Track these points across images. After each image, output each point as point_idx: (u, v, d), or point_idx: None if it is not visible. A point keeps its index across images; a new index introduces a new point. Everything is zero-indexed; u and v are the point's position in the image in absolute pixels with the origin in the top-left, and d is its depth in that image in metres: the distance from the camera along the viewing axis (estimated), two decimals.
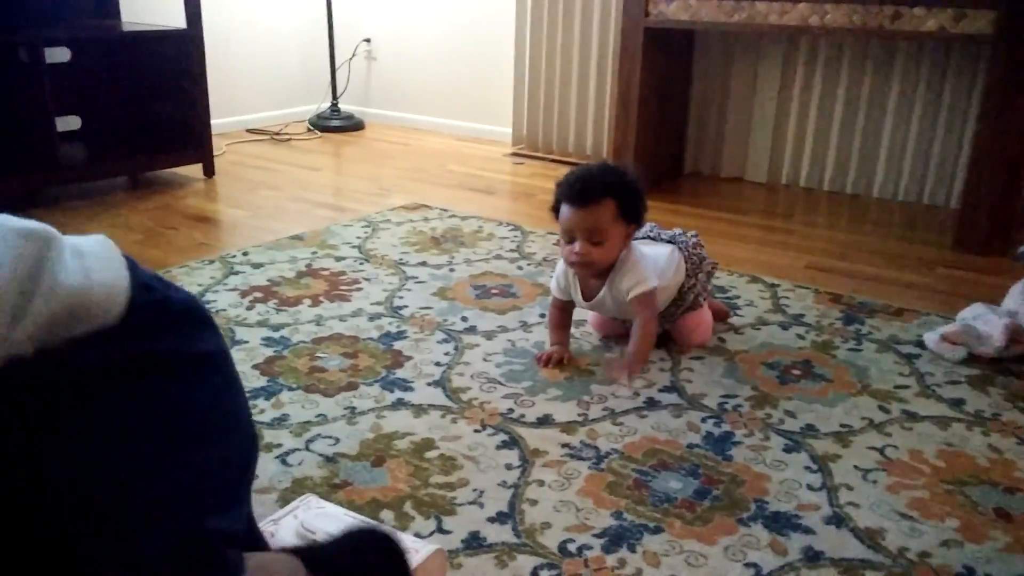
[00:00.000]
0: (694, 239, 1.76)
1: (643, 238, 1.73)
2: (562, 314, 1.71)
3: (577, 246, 1.56)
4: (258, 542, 0.88)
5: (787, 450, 1.37)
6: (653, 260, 1.65)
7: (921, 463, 1.34)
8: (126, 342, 0.76)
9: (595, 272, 1.62)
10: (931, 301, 2.02)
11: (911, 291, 2.09)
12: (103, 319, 0.75)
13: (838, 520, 1.20)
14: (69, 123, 3.04)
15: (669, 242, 1.73)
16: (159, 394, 0.77)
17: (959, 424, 1.46)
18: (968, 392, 1.57)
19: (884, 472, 1.32)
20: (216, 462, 0.80)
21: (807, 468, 1.32)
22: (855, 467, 1.33)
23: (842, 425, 1.45)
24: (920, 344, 1.76)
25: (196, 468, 0.77)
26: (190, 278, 2.06)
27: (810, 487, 1.27)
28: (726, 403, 1.52)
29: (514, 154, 3.52)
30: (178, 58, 2.91)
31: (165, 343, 0.79)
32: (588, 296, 1.66)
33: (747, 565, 1.11)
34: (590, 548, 1.13)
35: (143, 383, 0.76)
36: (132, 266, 0.85)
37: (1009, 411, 1.51)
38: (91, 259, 0.80)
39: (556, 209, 1.60)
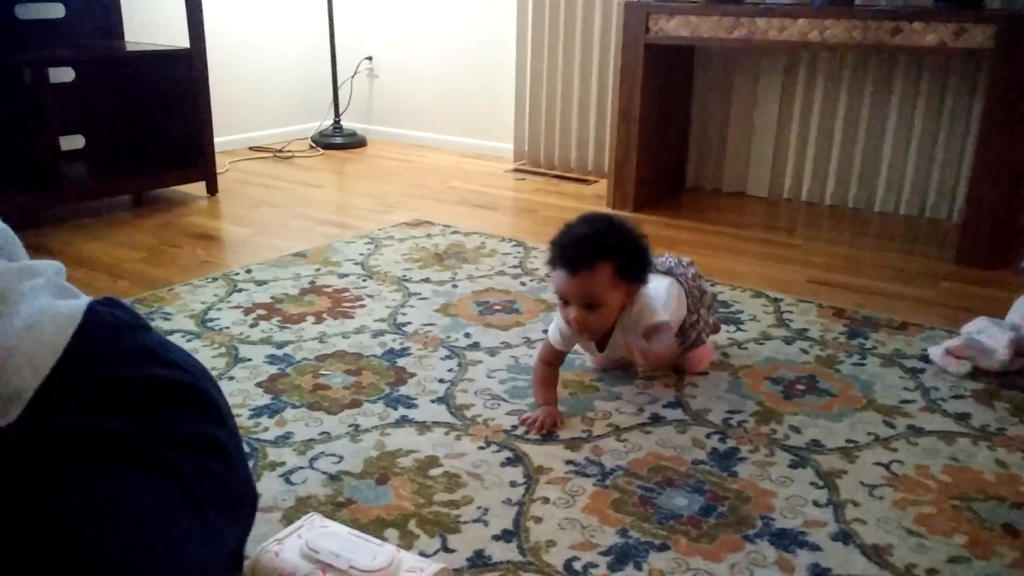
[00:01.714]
0: (692, 270, 1.69)
1: None
2: (550, 370, 1.56)
3: (572, 312, 1.44)
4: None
5: (793, 466, 1.37)
6: (656, 296, 1.55)
7: (927, 478, 1.34)
8: (58, 429, 0.75)
9: (597, 337, 1.52)
10: (935, 315, 2.02)
11: (915, 305, 2.09)
12: (17, 385, 0.74)
13: (845, 537, 1.19)
14: (73, 142, 3.06)
15: (666, 274, 1.65)
16: (109, 478, 0.75)
17: (965, 439, 1.46)
18: (974, 406, 1.57)
19: (890, 488, 1.31)
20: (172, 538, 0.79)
21: (813, 484, 1.32)
22: (861, 483, 1.32)
23: (848, 440, 1.45)
24: (925, 358, 1.76)
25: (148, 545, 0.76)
26: (193, 296, 2.06)
27: (816, 503, 1.27)
28: (731, 419, 1.51)
29: (516, 170, 3.53)
30: (181, 77, 2.93)
31: (105, 428, 0.78)
32: (601, 346, 1.56)
33: None
34: (596, 566, 1.13)
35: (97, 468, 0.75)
36: (113, 338, 0.83)
37: (1015, 425, 1.50)
38: (43, 323, 0.78)
39: (553, 265, 1.46)
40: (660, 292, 1.57)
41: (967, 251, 2.38)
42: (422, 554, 1.13)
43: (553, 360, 1.56)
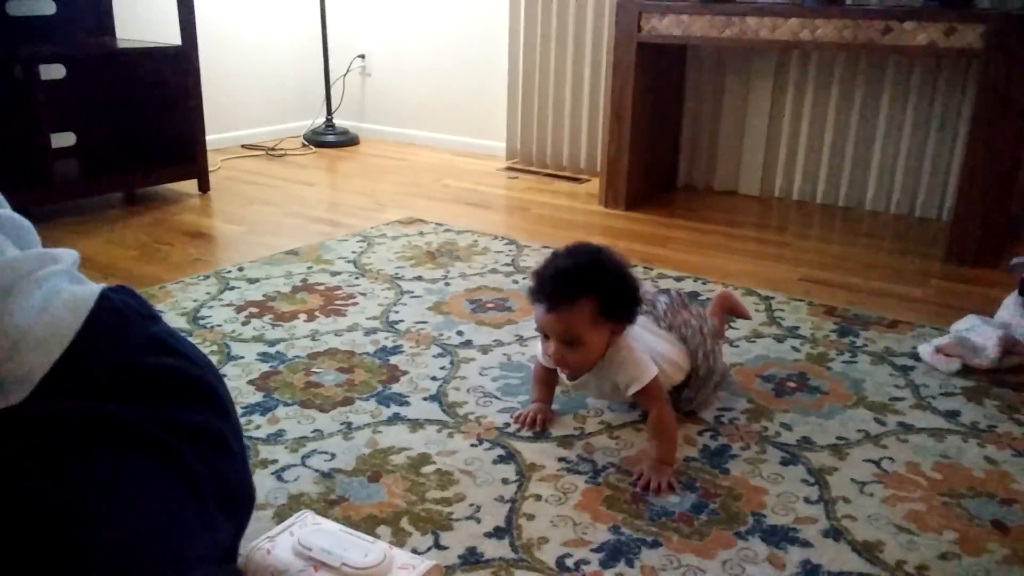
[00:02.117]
0: (698, 320, 1.51)
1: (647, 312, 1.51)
2: (548, 371, 1.49)
3: (551, 347, 1.35)
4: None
5: (784, 463, 1.37)
6: (644, 341, 1.42)
7: (918, 475, 1.35)
8: (71, 410, 0.76)
9: (576, 373, 1.41)
10: (925, 313, 2.03)
11: (905, 303, 2.10)
12: (28, 366, 0.75)
13: (836, 533, 1.20)
14: (64, 139, 3.05)
15: (668, 330, 1.51)
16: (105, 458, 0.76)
17: (955, 436, 1.47)
18: (963, 404, 1.58)
19: (881, 485, 1.32)
20: (173, 523, 0.79)
21: (804, 481, 1.32)
22: (852, 480, 1.33)
23: (838, 438, 1.45)
24: (915, 356, 1.77)
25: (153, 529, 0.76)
26: (185, 294, 2.06)
27: (807, 500, 1.27)
28: (722, 416, 1.52)
29: (508, 168, 3.53)
30: (173, 74, 2.92)
31: (118, 414, 0.78)
32: (573, 378, 1.43)
33: None
34: (588, 563, 1.13)
35: (80, 462, 0.75)
36: (125, 325, 0.83)
37: (1004, 423, 1.51)
38: (56, 306, 0.79)
39: (533, 296, 1.36)
40: (640, 338, 1.42)
41: (957, 250, 2.39)
42: (414, 551, 1.13)
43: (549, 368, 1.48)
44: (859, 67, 2.85)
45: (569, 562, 1.13)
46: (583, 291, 1.31)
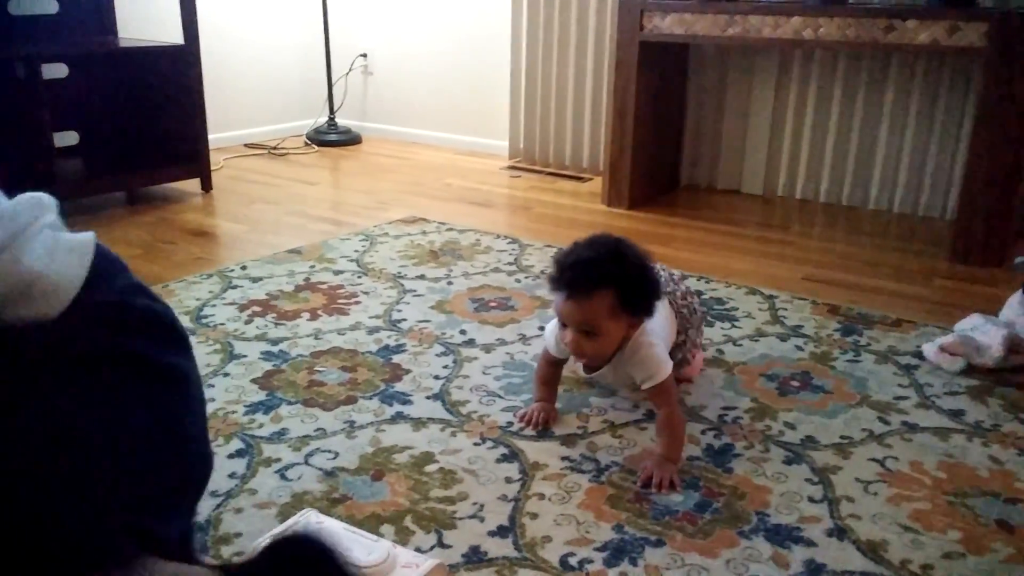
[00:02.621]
0: (683, 286, 1.60)
1: None
2: (552, 369, 1.52)
3: (568, 335, 1.36)
4: (189, 557, 0.87)
5: (787, 462, 1.37)
6: (661, 333, 1.45)
7: (922, 474, 1.34)
8: (67, 335, 0.79)
9: (593, 363, 1.44)
10: (929, 312, 2.02)
11: (909, 302, 2.09)
12: (43, 309, 0.77)
13: (840, 533, 1.20)
14: (67, 138, 3.05)
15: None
16: (94, 388, 0.79)
17: (959, 435, 1.46)
18: (968, 403, 1.58)
19: (885, 484, 1.31)
20: (153, 469, 0.81)
21: (808, 480, 1.32)
22: (856, 479, 1.33)
23: (842, 437, 1.45)
24: (919, 355, 1.76)
25: (129, 469, 0.78)
26: (188, 292, 2.06)
27: (811, 499, 1.27)
28: (726, 415, 1.52)
29: (511, 167, 3.53)
30: (175, 73, 2.92)
31: (110, 343, 0.81)
32: (589, 369, 1.46)
33: None
34: (591, 562, 1.13)
35: (86, 378, 0.78)
36: (111, 271, 0.87)
37: (1009, 422, 1.51)
38: (60, 252, 0.83)
39: (554, 284, 1.38)
40: (659, 329, 1.45)
41: (961, 248, 2.39)
42: (418, 550, 1.13)
43: (553, 360, 1.51)
44: (862, 65, 2.85)
45: (573, 561, 1.13)
46: (603, 282, 1.32)
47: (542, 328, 1.85)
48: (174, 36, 2.91)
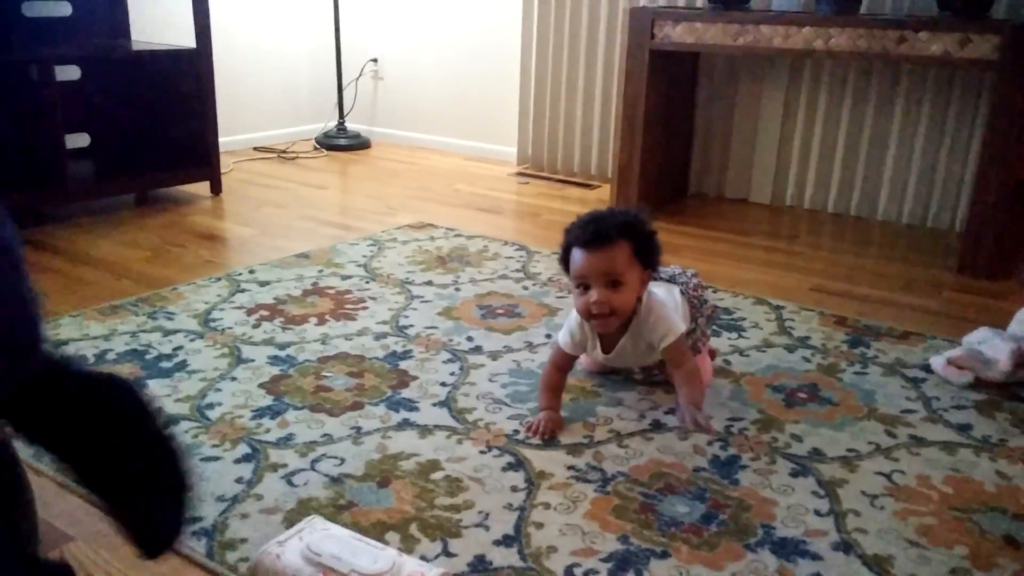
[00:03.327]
0: (695, 280, 1.68)
1: None
2: (559, 375, 1.55)
3: (594, 294, 1.42)
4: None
5: (794, 474, 1.37)
6: (669, 304, 1.55)
7: (929, 489, 1.34)
8: None
9: (615, 324, 1.49)
10: (937, 325, 2.02)
11: (917, 314, 2.09)
12: None
13: (846, 547, 1.19)
14: (78, 140, 3.07)
15: (669, 281, 1.64)
16: None
17: (966, 449, 1.46)
18: (975, 417, 1.57)
19: (891, 498, 1.31)
20: None
21: (814, 493, 1.32)
22: (862, 492, 1.32)
23: (849, 450, 1.45)
24: (926, 368, 1.76)
25: None
26: (196, 295, 2.07)
27: (817, 512, 1.27)
28: (732, 426, 1.52)
29: (519, 174, 3.53)
30: (187, 77, 2.93)
31: None
32: (608, 348, 1.54)
33: None
34: (597, 572, 1.13)
35: None
36: None
37: (1016, 437, 1.50)
38: None
39: (565, 260, 1.48)
40: (670, 300, 1.57)
41: (969, 261, 2.38)
42: (423, 558, 1.13)
43: (563, 364, 1.56)
44: (872, 76, 2.85)
45: (578, 572, 1.13)
46: (621, 233, 1.44)
47: (549, 336, 1.85)
48: (186, 40, 2.92)
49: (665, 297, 1.56)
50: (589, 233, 1.44)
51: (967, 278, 2.35)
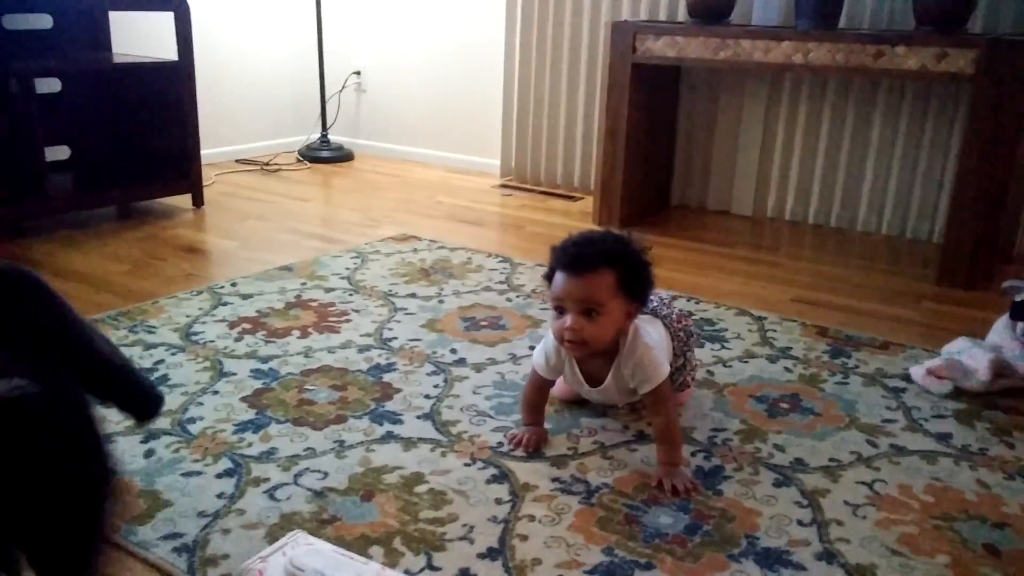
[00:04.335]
0: (678, 311, 1.62)
1: None
2: (539, 393, 1.51)
3: (568, 320, 1.34)
4: None
5: (777, 484, 1.37)
6: (655, 344, 1.45)
7: (910, 498, 1.35)
8: None
9: (589, 354, 1.42)
10: (916, 335, 2.04)
11: (896, 325, 2.11)
12: None
13: (829, 556, 1.20)
14: (58, 153, 3.04)
15: (652, 315, 1.55)
16: None
17: (947, 459, 1.47)
18: (955, 426, 1.58)
19: (873, 507, 1.32)
20: None
21: (797, 503, 1.32)
22: (845, 502, 1.33)
23: (831, 459, 1.45)
24: (906, 378, 1.77)
25: None
26: (178, 309, 2.05)
27: (800, 522, 1.27)
28: (715, 437, 1.52)
29: (503, 186, 3.54)
30: (169, 89, 2.92)
31: None
32: (593, 381, 1.47)
33: None
34: None
35: None
36: None
37: (996, 445, 1.52)
38: None
39: (550, 277, 1.39)
40: (656, 338, 1.48)
41: (948, 271, 2.41)
42: (407, 572, 1.13)
43: (542, 385, 1.51)
44: (851, 90, 2.88)
45: None
46: (606, 260, 1.35)
47: (532, 347, 1.85)
48: (168, 52, 2.92)
49: (655, 339, 1.46)
50: (570, 256, 1.35)
51: (946, 288, 2.38)
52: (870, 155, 2.90)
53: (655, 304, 1.57)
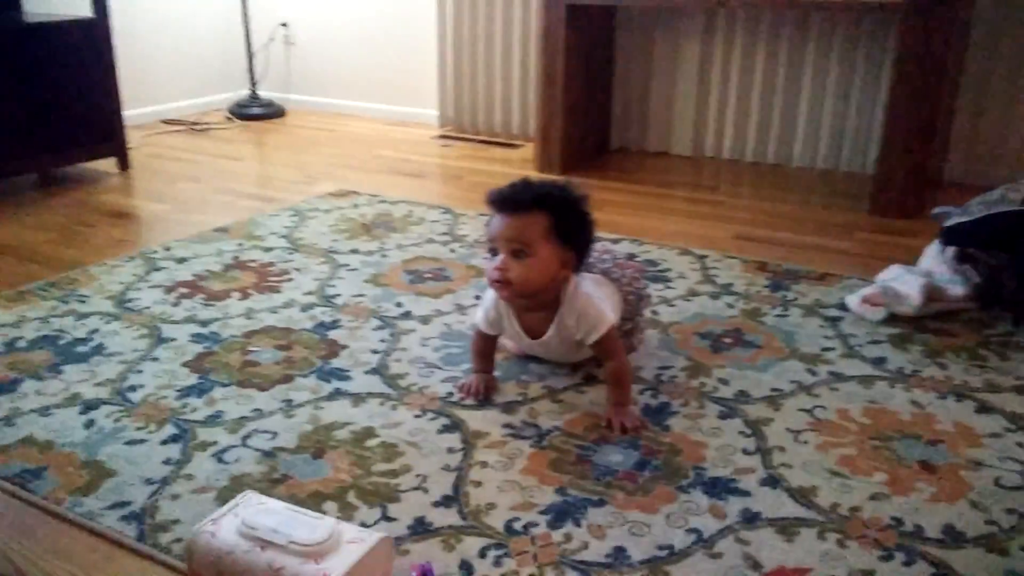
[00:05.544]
0: (630, 270, 1.59)
1: None
2: (486, 341, 1.51)
3: (497, 260, 1.35)
4: None
5: (722, 417, 1.41)
6: (599, 294, 1.45)
7: (848, 421, 1.40)
8: None
9: (526, 307, 1.43)
10: (852, 265, 2.09)
11: (833, 256, 2.16)
12: None
13: (773, 481, 1.24)
14: None
15: (603, 275, 1.53)
16: None
17: (882, 382, 1.52)
18: (889, 351, 1.64)
19: (814, 432, 1.36)
20: None
21: (741, 433, 1.36)
22: (787, 429, 1.37)
23: (773, 389, 1.49)
24: (843, 307, 1.82)
25: None
26: (110, 276, 1.99)
27: (745, 451, 1.31)
28: (662, 374, 1.55)
29: (442, 136, 3.49)
30: (86, 48, 2.78)
31: None
32: (533, 334, 1.46)
33: (688, 531, 1.13)
34: (536, 525, 1.14)
35: None
36: None
37: (928, 367, 1.57)
38: None
39: (490, 209, 1.40)
40: (599, 293, 1.46)
41: (881, 202, 2.46)
42: (363, 525, 1.13)
43: (487, 336, 1.51)
44: (783, 26, 2.89)
45: (518, 526, 1.14)
46: (539, 203, 1.36)
47: (478, 297, 1.84)
48: (83, 9, 2.77)
49: (592, 289, 1.45)
50: (505, 196, 1.36)
51: (879, 218, 2.44)
52: (804, 91, 2.93)
53: (608, 266, 1.56)
